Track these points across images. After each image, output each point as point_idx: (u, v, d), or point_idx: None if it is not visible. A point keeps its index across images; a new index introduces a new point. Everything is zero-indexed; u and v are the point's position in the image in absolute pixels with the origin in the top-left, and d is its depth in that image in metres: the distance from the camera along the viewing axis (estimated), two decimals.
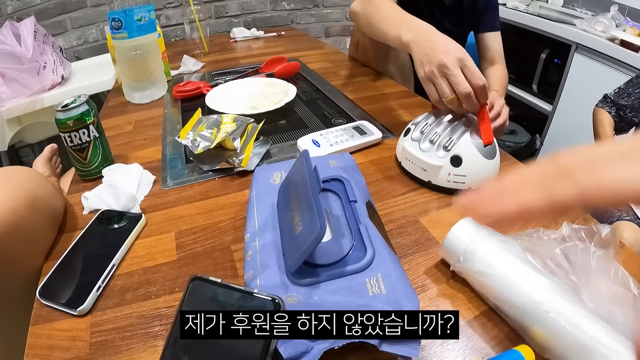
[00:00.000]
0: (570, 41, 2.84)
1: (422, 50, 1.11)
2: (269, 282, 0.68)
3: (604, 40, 2.65)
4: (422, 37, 1.14)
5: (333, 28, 3.33)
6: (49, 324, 0.73)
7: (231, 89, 1.62)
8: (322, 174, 0.90)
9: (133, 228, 0.91)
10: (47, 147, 1.21)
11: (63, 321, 0.73)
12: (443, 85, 1.05)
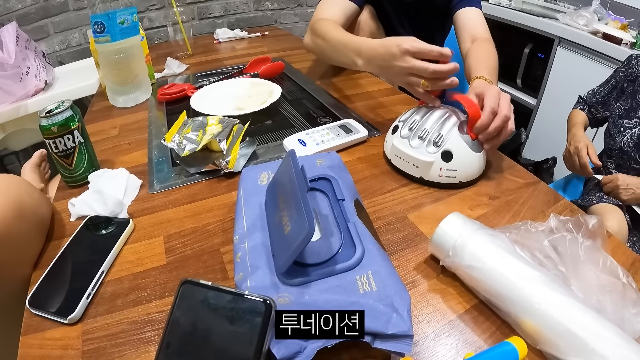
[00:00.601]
0: (553, 35, 2.85)
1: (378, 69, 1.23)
2: (260, 283, 0.68)
3: (586, 33, 2.67)
4: (369, 57, 1.22)
5: None
6: (40, 334, 0.73)
7: (216, 91, 1.62)
8: (309, 174, 0.90)
9: (121, 233, 0.91)
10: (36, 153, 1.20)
11: (54, 330, 0.73)
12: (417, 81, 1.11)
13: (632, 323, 0.66)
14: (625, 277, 0.72)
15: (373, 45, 1.21)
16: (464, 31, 1.63)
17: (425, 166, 1.04)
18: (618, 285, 0.71)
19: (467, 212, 0.99)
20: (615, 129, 1.66)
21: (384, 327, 0.61)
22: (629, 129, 1.62)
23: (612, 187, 1.63)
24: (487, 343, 0.70)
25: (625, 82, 1.67)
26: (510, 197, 1.05)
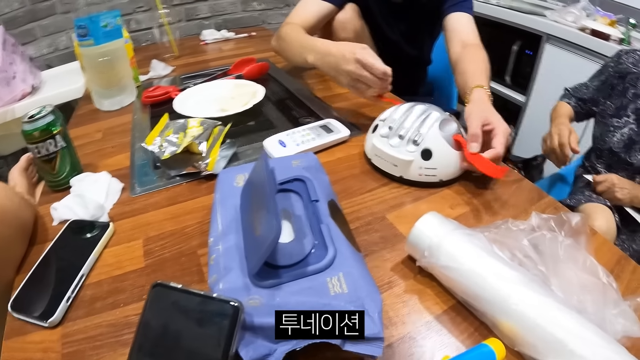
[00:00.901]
0: (542, 32, 2.86)
1: (327, 66, 1.29)
2: (232, 285, 0.68)
3: (574, 30, 2.67)
4: (322, 54, 1.31)
5: None
6: (22, 337, 0.73)
7: (200, 92, 1.61)
8: (284, 175, 0.91)
9: (101, 237, 0.91)
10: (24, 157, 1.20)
11: (35, 334, 0.73)
12: (362, 87, 1.23)
13: (613, 324, 0.66)
14: (606, 277, 0.72)
15: (327, 45, 1.30)
16: (454, 36, 1.63)
17: (405, 165, 1.04)
18: (598, 285, 0.71)
19: (448, 211, 0.99)
20: (605, 129, 1.63)
21: None
22: (618, 128, 1.60)
23: (607, 186, 1.59)
24: (465, 344, 0.70)
25: (615, 78, 1.63)
26: (493, 196, 1.05)
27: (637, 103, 1.53)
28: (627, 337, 0.66)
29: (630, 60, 1.55)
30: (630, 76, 1.54)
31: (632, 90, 1.53)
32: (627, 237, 1.58)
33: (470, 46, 1.55)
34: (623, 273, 0.84)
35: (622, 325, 0.66)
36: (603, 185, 1.61)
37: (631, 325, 0.66)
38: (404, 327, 0.72)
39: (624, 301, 0.69)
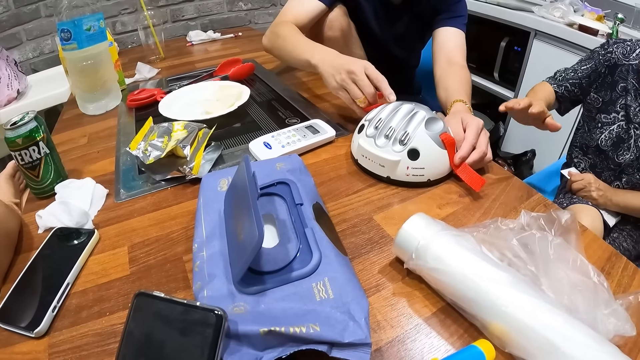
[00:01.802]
0: (529, 28, 2.86)
1: (330, 64, 1.30)
2: (216, 293, 0.67)
3: (562, 25, 2.67)
4: (330, 57, 1.33)
5: None
6: (9, 348, 0.72)
7: (185, 95, 1.60)
8: (268, 178, 0.90)
9: (86, 245, 0.90)
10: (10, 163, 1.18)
11: (22, 344, 0.73)
12: (355, 89, 1.22)
13: (604, 323, 0.65)
14: (597, 277, 0.72)
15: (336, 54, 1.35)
16: (441, 51, 1.68)
17: (392, 165, 1.03)
18: (589, 284, 0.71)
19: (436, 211, 0.98)
20: (593, 124, 1.57)
21: (340, 336, 0.60)
22: (607, 125, 1.55)
23: (583, 185, 1.58)
24: (454, 346, 0.69)
25: (604, 67, 1.55)
26: (481, 194, 1.04)
27: (627, 98, 1.47)
28: (619, 336, 0.65)
29: (620, 51, 1.48)
30: (620, 68, 1.49)
31: (622, 83, 1.47)
32: (617, 236, 1.56)
33: (455, 65, 1.60)
34: (614, 269, 0.84)
35: (614, 324, 0.65)
36: (579, 183, 1.60)
37: (623, 324, 0.65)
38: (392, 331, 0.71)
39: (616, 300, 0.68)
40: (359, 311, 0.63)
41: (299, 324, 0.61)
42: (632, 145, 1.46)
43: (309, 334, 0.60)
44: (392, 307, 0.76)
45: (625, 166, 1.50)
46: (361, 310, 0.63)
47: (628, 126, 1.47)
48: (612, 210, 1.54)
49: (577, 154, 1.72)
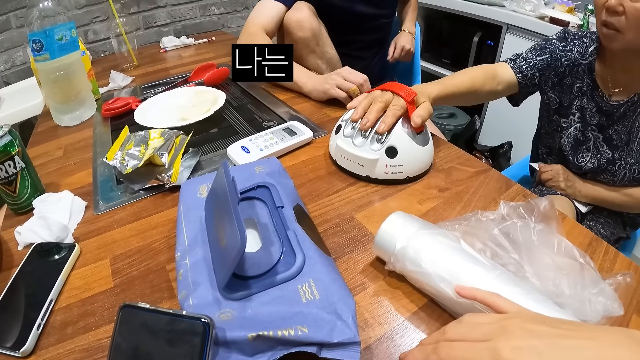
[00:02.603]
0: (501, 22, 2.89)
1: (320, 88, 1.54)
2: (202, 301, 0.67)
3: (534, 19, 2.71)
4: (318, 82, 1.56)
5: None
6: None
7: (160, 102, 1.58)
8: (247, 182, 0.90)
9: (67, 259, 0.88)
10: None
11: None
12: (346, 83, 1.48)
13: (593, 303, 0.66)
14: (582, 258, 0.73)
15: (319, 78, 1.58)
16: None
17: (370, 164, 1.03)
18: (575, 266, 0.71)
19: (417, 207, 0.99)
20: (552, 127, 1.55)
21: (328, 336, 0.60)
22: (565, 128, 1.50)
23: (552, 175, 1.57)
24: None
25: (561, 64, 1.44)
26: (461, 188, 1.05)
27: (582, 100, 1.43)
28: (608, 316, 0.66)
29: (577, 50, 1.40)
30: (577, 68, 1.41)
31: (578, 84, 1.42)
32: (594, 224, 1.55)
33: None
34: (595, 254, 0.86)
35: (602, 304, 0.66)
36: (548, 173, 1.58)
37: (612, 304, 0.66)
38: (380, 328, 0.72)
39: (604, 280, 0.69)
40: (345, 310, 0.63)
41: (287, 327, 0.61)
42: (592, 147, 1.42)
43: (298, 336, 0.60)
44: (378, 304, 0.76)
45: (586, 169, 1.47)
46: (348, 309, 0.63)
47: (584, 129, 1.42)
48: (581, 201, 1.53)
49: (542, 151, 1.69)
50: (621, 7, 1.11)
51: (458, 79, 1.31)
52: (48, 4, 1.39)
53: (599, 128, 1.41)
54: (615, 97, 1.35)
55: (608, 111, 1.37)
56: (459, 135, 3.20)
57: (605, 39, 1.21)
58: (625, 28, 1.13)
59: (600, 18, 1.18)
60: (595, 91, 1.39)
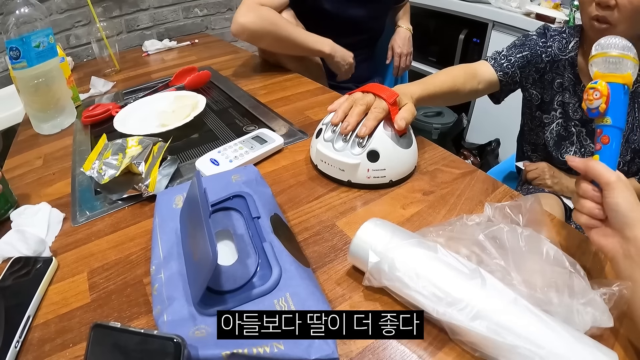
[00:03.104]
0: (487, 19, 2.89)
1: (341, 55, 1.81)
2: (177, 316, 0.66)
3: (519, 15, 2.71)
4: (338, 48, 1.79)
5: None
6: None
7: (140, 108, 1.56)
8: (223, 192, 0.88)
9: (44, 274, 0.86)
10: None
11: None
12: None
13: (581, 314, 0.65)
14: (572, 266, 0.71)
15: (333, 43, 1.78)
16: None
17: (352, 169, 1.02)
18: (564, 275, 0.70)
19: (400, 212, 0.97)
20: (536, 123, 1.57)
21: (306, 353, 0.59)
22: (548, 124, 1.51)
23: (538, 173, 1.56)
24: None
25: (541, 60, 1.45)
26: (446, 190, 1.04)
27: (564, 95, 1.43)
28: (597, 327, 0.65)
29: (557, 45, 1.41)
30: (557, 64, 1.42)
31: (558, 79, 1.42)
32: None
33: None
34: (585, 256, 0.85)
35: (591, 315, 0.65)
36: (533, 172, 1.57)
37: (601, 315, 0.65)
38: (362, 341, 0.70)
39: (594, 290, 0.68)
40: None
41: (262, 344, 0.59)
42: (575, 141, 1.42)
43: (274, 353, 0.58)
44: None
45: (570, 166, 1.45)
46: None
47: (567, 123, 1.42)
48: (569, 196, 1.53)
49: (527, 149, 1.70)
50: (613, 1, 1.11)
51: (439, 79, 1.30)
52: (25, 10, 1.36)
53: (582, 122, 1.42)
54: None
55: None
56: (447, 134, 3.20)
57: (596, 34, 1.19)
58: (617, 21, 1.13)
59: (590, 13, 1.18)
60: (577, 86, 1.39)
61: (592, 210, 0.72)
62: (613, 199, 0.68)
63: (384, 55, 2.29)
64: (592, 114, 0.78)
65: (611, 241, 0.69)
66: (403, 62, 2.27)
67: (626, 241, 0.67)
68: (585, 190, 0.73)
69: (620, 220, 0.67)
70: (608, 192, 0.69)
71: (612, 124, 0.77)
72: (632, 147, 1.35)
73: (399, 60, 2.26)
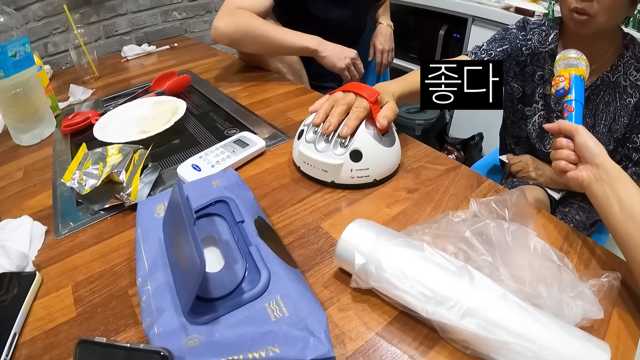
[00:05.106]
0: (467, 15, 2.90)
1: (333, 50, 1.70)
2: (167, 328, 0.64)
3: (499, 9, 2.72)
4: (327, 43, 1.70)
5: None
6: None
7: (120, 115, 1.54)
8: (205, 198, 0.88)
9: (29, 289, 0.84)
10: None
11: None
12: (354, 70, 1.74)
13: (571, 307, 0.65)
14: (560, 260, 0.72)
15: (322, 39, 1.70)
16: None
17: (335, 169, 1.01)
18: (553, 268, 0.70)
19: (385, 211, 0.97)
20: (518, 116, 1.59)
21: (301, 354, 0.59)
22: (530, 116, 1.53)
23: (522, 166, 1.58)
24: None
25: (521, 53, 1.46)
26: (431, 187, 1.04)
27: (545, 87, 1.44)
28: (587, 319, 0.65)
29: (537, 38, 1.42)
30: (537, 57, 1.43)
31: (539, 72, 1.44)
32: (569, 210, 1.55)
33: None
34: (572, 247, 0.86)
35: (581, 307, 0.65)
36: (517, 165, 1.59)
37: (591, 307, 0.66)
38: (353, 343, 0.70)
39: (582, 282, 0.68)
40: (317, 325, 0.62)
41: (258, 349, 0.59)
42: None
43: (269, 357, 0.58)
44: (349, 318, 0.74)
45: None
46: (319, 324, 0.62)
47: (549, 115, 1.43)
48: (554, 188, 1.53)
49: (510, 142, 1.70)
50: None
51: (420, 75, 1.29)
52: (0, 19, 1.34)
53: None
54: None
55: None
56: (430, 130, 3.20)
57: (576, 26, 1.22)
58: (596, 12, 1.15)
59: (570, 5, 1.19)
60: None
61: (569, 155, 0.91)
62: (582, 139, 0.88)
63: (365, 53, 2.29)
64: (559, 93, 1.03)
65: (585, 172, 0.87)
66: (385, 59, 2.27)
67: (596, 168, 0.85)
68: (560, 141, 0.93)
69: (590, 153, 0.86)
70: (577, 137, 0.89)
71: (574, 98, 1.00)
72: (614, 136, 1.35)
73: (381, 57, 2.26)
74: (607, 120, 1.35)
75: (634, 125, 1.33)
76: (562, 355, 0.59)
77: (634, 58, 1.27)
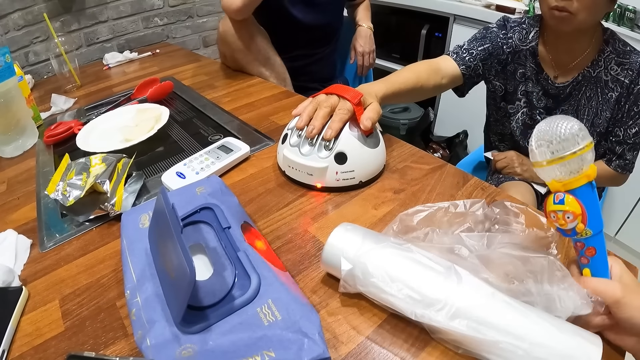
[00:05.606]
0: (448, 13, 2.91)
1: None
2: (160, 339, 0.64)
3: (480, 8, 2.73)
4: None
5: (211, 37, 3.24)
6: None
7: (103, 123, 1.53)
8: (189, 205, 0.87)
9: (15, 304, 0.83)
10: None
11: None
12: None
13: (563, 300, 0.65)
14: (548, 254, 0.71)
15: None
16: None
17: (320, 172, 1.01)
18: (542, 263, 0.70)
19: (372, 213, 0.97)
20: (501, 113, 1.61)
21: (297, 356, 0.59)
22: (513, 114, 1.54)
23: (507, 162, 1.58)
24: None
25: (503, 52, 1.47)
26: (417, 187, 1.04)
27: (527, 85, 1.46)
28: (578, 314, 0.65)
29: (517, 36, 1.44)
30: (518, 54, 1.45)
31: (521, 70, 1.46)
32: None
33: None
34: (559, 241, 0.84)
35: (572, 300, 0.65)
36: (502, 161, 1.60)
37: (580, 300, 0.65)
38: (344, 347, 0.70)
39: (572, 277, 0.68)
40: (311, 327, 0.62)
41: (252, 354, 0.59)
42: None
43: None
44: (339, 322, 0.74)
45: None
46: (313, 325, 0.62)
47: (532, 112, 1.45)
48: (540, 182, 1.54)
49: (494, 139, 1.72)
50: None
51: (403, 76, 1.30)
52: None
53: (546, 110, 1.45)
54: (560, 79, 1.39)
55: (554, 93, 1.41)
56: (414, 129, 3.22)
57: (557, 23, 1.23)
58: (577, 10, 1.16)
59: (550, 3, 1.20)
60: (540, 75, 1.42)
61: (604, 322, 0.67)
62: (624, 314, 0.64)
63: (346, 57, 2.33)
64: (567, 234, 0.69)
65: (629, 342, 0.66)
66: (367, 61, 2.26)
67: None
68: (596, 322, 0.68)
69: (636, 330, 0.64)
70: (618, 310, 0.65)
71: (593, 233, 0.67)
72: (597, 130, 1.37)
73: (362, 59, 2.25)
74: (590, 115, 1.37)
75: (616, 119, 1.34)
76: (554, 350, 0.59)
77: (614, 53, 1.28)
